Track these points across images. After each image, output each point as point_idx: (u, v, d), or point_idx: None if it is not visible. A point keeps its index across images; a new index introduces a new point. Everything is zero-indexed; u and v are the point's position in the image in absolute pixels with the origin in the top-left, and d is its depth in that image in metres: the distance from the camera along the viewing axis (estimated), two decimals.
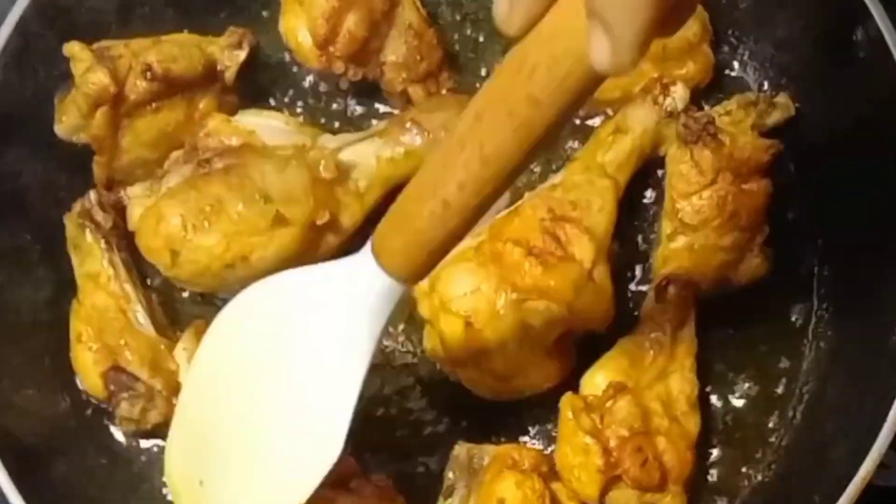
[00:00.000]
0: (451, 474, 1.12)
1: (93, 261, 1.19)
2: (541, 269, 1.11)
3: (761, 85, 1.30)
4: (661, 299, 1.16)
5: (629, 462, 1.07)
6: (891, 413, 1.05)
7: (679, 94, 1.23)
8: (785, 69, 1.28)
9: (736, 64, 1.32)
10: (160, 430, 1.15)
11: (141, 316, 1.18)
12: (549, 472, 1.10)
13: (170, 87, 1.18)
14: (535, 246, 1.12)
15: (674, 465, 1.09)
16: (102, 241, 1.19)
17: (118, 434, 1.20)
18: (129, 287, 1.19)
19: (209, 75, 1.22)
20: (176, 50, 1.19)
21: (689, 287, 1.16)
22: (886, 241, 1.15)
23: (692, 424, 1.13)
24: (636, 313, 1.21)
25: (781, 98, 1.26)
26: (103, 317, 1.17)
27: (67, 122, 1.17)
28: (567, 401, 1.12)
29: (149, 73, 1.16)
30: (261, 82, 1.30)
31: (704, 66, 1.28)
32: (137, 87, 1.16)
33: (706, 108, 1.27)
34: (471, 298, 1.11)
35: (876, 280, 1.16)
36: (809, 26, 1.23)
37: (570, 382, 1.16)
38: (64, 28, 1.18)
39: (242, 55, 1.24)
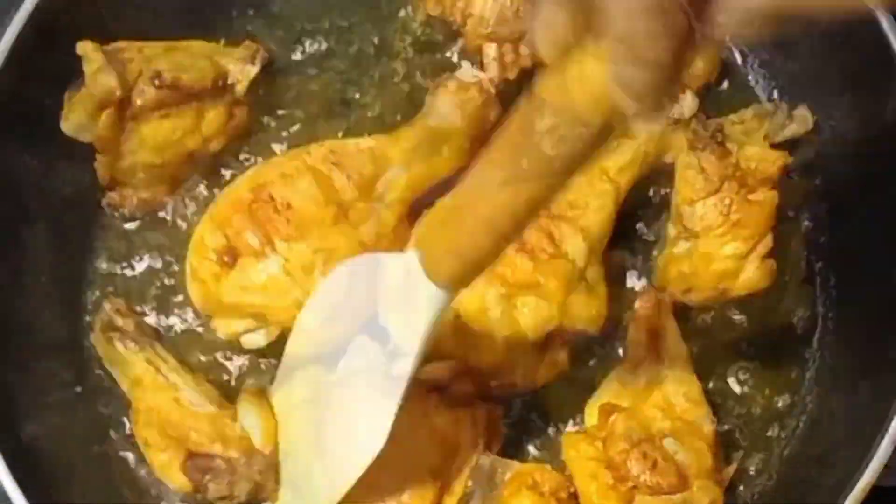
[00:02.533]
0: (470, 482, 1.11)
1: (131, 367, 1.17)
2: (531, 265, 1.11)
3: (771, 94, 1.30)
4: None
5: (637, 469, 1.06)
6: (892, 425, 1.04)
7: (687, 103, 1.23)
8: (794, 78, 1.28)
9: (746, 74, 1.31)
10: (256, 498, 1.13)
11: (194, 398, 1.15)
12: (567, 498, 1.09)
13: (178, 96, 1.18)
14: (528, 242, 1.12)
15: (690, 461, 1.08)
16: (133, 345, 1.18)
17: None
18: (173, 376, 1.16)
19: (220, 87, 1.21)
20: (187, 59, 1.19)
21: (653, 299, 1.17)
22: (891, 251, 1.14)
23: (701, 418, 1.13)
24: None
25: (800, 111, 1.24)
26: (161, 415, 1.14)
27: (73, 120, 1.17)
28: (566, 439, 1.13)
29: (157, 81, 1.16)
30: (272, 94, 1.29)
31: (712, 60, 1.27)
32: (145, 93, 1.16)
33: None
34: None
35: (881, 290, 1.16)
36: (819, 36, 1.22)
37: (564, 384, 1.18)
38: (77, 23, 1.17)
39: (254, 70, 1.23)
